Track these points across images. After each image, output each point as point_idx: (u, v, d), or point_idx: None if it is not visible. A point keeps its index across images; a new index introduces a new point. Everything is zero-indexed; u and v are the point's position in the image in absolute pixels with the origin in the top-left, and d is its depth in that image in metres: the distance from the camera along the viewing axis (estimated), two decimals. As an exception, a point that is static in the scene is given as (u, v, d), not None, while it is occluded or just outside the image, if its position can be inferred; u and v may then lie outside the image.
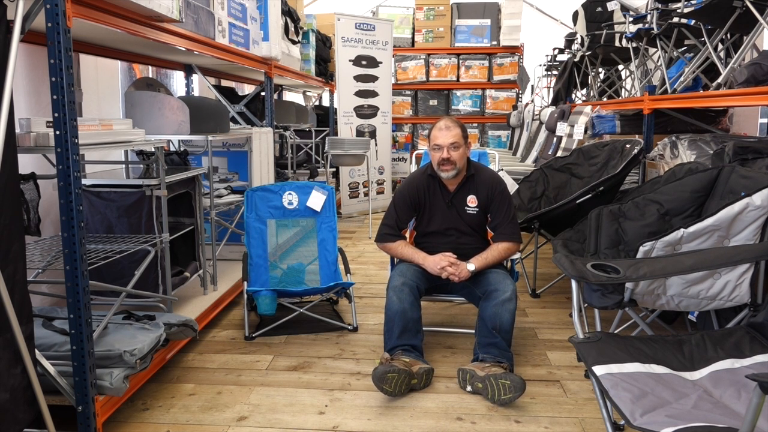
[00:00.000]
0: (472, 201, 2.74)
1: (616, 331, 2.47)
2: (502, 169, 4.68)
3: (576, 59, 5.55)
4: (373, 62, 6.34)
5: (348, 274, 3.22)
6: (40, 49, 2.78)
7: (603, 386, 1.48)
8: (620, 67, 5.11)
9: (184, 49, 2.75)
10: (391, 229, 2.78)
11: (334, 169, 6.36)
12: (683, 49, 3.61)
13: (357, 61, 6.22)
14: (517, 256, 2.79)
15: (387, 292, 2.59)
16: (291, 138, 5.26)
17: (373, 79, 6.36)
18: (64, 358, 1.94)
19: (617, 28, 5.11)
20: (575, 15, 5.74)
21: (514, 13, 7.52)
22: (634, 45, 4.05)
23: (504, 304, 2.49)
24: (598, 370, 1.53)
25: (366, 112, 6.37)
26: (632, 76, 4.58)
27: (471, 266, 2.61)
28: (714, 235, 1.99)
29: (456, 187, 2.74)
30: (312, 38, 5.90)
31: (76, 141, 1.76)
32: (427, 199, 2.77)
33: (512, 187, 4.03)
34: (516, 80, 7.76)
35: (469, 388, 2.38)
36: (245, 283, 3.04)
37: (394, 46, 7.31)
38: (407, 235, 2.89)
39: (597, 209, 2.42)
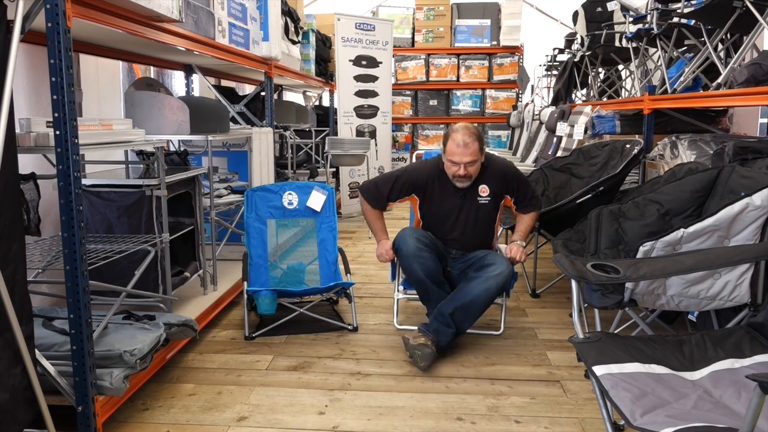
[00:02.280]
0: (483, 190, 2.84)
1: (616, 331, 2.47)
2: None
3: (576, 59, 5.55)
4: (373, 62, 6.34)
5: (348, 274, 3.22)
6: (40, 49, 2.78)
7: (603, 386, 1.48)
8: (620, 67, 5.11)
9: (184, 49, 2.75)
10: (380, 196, 2.89)
11: (334, 169, 6.35)
12: (683, 49, 3.61)
13: (357, 61, 6.22)
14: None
15: (403, 258, 2.73)
16: (291, 138, 5.26)
17: (373, 79, 6.36)
18: (64, 358, 1.93)
19: (617, 28, 5.11)
20: (575, 15, 5.74)
21: (514, 13, 7.53)
22: (634, 45, 4.05)
23: (493, 278, 2.63)
24: (598, 370, 1.53)
25: (366, 112, 6.37)
26: (632, 76, 4.58)
27: (521, 243, 2.85)
28: (714, 235, 1.99)
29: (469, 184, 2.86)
30: (312, 38, 5.90)
31: (76, 141, 1.76)
32: (434, 190, 2.85)
33: None
34: (516, 80, 7.76)
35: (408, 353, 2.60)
36: (245, 283, 3.04)
37: (394, 46, 7.31)
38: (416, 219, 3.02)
39: (597, 209, 2.42)
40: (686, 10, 3.17)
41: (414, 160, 3.37)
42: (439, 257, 2.80)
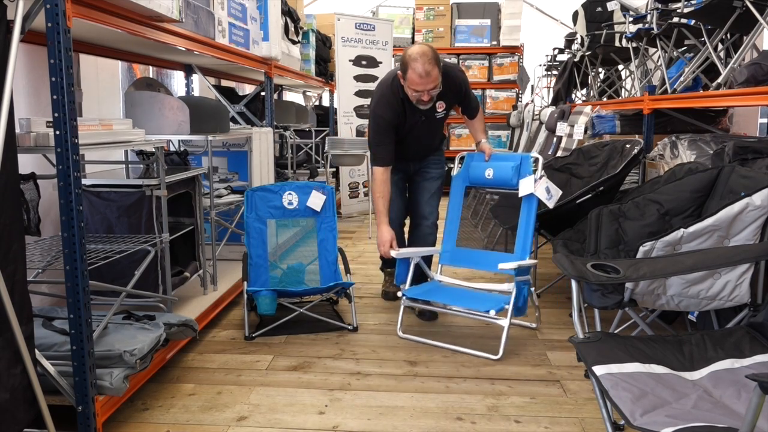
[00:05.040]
0: (440, 106, 3.02)
1: (616, 331, 2.47)
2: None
3: (576, 59, 5.55)
4: (373, 62, 6.34)
5: (348, 274, 3.22)
6: (40, 49, 2.78)
7: (603, 386, 1.48)
8: (620, 67, 5.11)
9: (184, 49, 2.75)
10: (387, 155, 3.01)
11: (334, 169, 6.35)
12: (683, 49, 3.61)
13: (357, 61, 6.22)
14: None
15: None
16: (291, 138, 5.26)
17: (373, 79, 6.35)
18: (64, 358, 1.94)
19: (617, 28, 5.11)
20: (575, 15, 5.74)
21: (514, 13, 7.52)
22: (634, 45, 4.05)
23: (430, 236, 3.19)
24: (598, 370, 1.53)
25: (366, 112, 6.36)
26: (632, 76, 4.59)
27: (486, 141, 3.19)
28: (714, 235, 1.99)
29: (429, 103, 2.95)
30: (312, 38, 5.90)
31: (76, 141, 1.76)
32: (403, 120, 3.00)
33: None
34: (516, 80, 7.76)
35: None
36: (245, 283, 3.04)
37: (394, 46, 7.30)
38: None
39: (597, 209, 2.42)
40: (686, 10, 3.17)
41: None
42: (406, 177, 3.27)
